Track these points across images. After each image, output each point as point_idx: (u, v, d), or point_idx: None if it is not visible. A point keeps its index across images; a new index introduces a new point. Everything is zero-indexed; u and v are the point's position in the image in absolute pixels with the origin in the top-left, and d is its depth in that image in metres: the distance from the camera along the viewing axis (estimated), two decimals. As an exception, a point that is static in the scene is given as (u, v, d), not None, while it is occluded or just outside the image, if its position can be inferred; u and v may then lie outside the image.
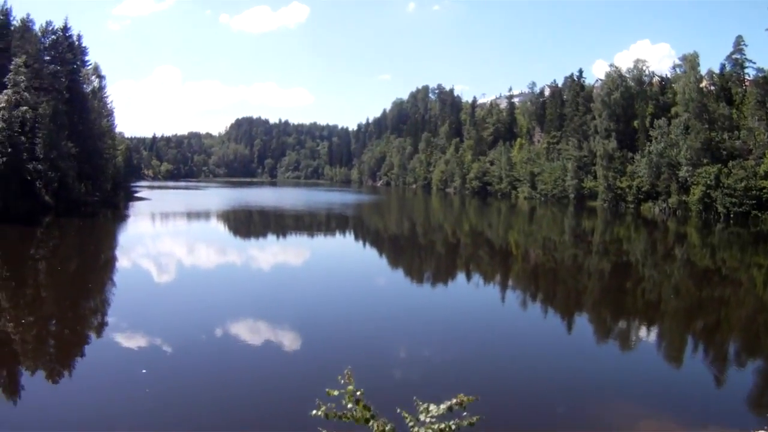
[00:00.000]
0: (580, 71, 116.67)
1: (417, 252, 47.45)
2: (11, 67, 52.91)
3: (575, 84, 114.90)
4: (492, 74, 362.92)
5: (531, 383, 16.37)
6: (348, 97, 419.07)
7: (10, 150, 50.92)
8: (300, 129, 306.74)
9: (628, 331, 23.92)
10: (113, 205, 77.62)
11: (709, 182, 74.25)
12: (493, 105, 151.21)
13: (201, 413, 13.68)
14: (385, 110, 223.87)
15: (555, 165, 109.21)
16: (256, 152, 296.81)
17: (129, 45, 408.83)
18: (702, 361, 20.35)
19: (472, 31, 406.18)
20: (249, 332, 20.70)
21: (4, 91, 51.50)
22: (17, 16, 66.12)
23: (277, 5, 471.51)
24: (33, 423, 13.29)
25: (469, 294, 30.28)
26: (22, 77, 53.50)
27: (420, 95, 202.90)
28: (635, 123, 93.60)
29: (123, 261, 38.29)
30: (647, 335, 23.42)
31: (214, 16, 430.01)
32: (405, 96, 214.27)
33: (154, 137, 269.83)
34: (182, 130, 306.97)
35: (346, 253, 45.59)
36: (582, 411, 14.56)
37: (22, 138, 53.66)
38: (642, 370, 18.30)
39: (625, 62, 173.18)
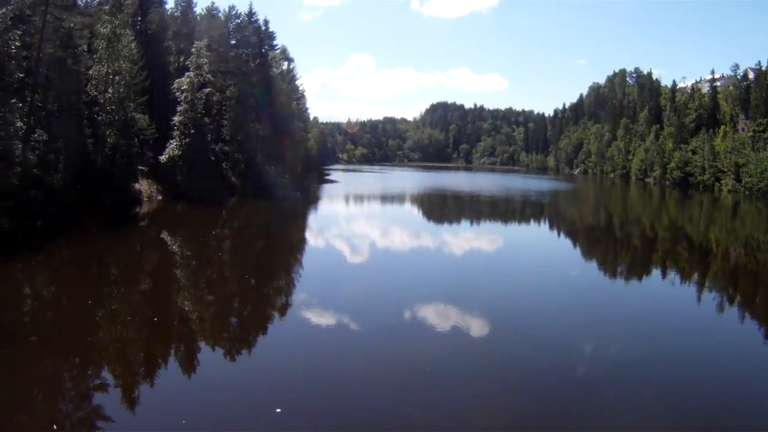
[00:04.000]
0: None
1: (612, 246, 44.60)
2: (193, 50, 53.16)
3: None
4: (690, 56, 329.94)
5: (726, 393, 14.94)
6: (543, 82, 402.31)
7: (193, 131, 51.00)
8: (495, 114, 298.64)
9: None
10: (303, 187, 77.37)
11: None
12: (695, 90, 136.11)
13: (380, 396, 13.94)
14: (581, 95, 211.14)
15: (762, 155, 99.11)
16: (451, 137, 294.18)
17: (322, 34, 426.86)
18: None
19: (667, 12, 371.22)
20: (436, 317, 20.74)
21: (186, 74, 51.48)
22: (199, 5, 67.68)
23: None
24: (205, 399, 13.46)
25: (662, 293, 27.85)
26: (205, 59, 53.31)
27: (617, 80, 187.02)
28: None
29: (306, 243, 39.20)
30: None
31: (405, 2, 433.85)
32: (602, 80, 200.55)
33: (349, 122, 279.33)
34: (377, 116, 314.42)
35: (540, 243, 44.26)
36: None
37: (206, 119, 53.69)
38: None
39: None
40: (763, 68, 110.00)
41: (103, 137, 40.40)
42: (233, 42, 67.62)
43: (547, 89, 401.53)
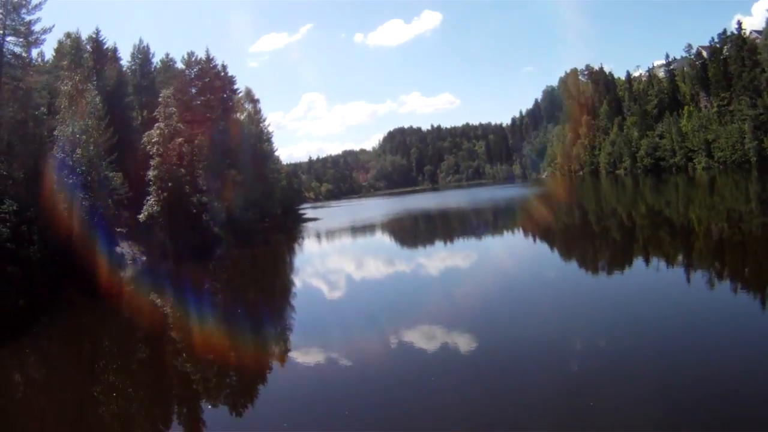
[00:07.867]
0: (739, 24, 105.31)
1: (590, 242, 43.16)
2: (160, 99, 50.35)
3: (737, 38, 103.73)
4: (634, 47, 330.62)
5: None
6: (495, 95, 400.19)
7: (170, 184, 47.88)
8: (453, 132, 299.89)
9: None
10: (285, 229, 74.39)
11: None
12: (653, 76, 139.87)
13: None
14: (537, 100, 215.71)
15: (731, 128, 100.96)
16: (414, 161, 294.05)
17: (271, 79, 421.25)
18: None
19: (608, 8, 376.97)
20: (424, 336, 20.46)
21: (156, 125, 48.51)
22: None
23: (410, 16, 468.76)
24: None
25: (648, 279, 26.75)
26: (173, 108, 50.40)
27: (570, 79, 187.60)
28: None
29: (300, 285, 37.39)
30: None
31: (348, 37, 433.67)
32: (554, 83, 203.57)
33: (310, 160, 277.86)
34: (336, 151, 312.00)
35: (516, 250, 42.88)
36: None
37: (182, 170, 50.64)
38: None
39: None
40: (717, 44, 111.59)
41: (77, 201, 37.01)
42: (194, 90, 64.91)
43: (500, 100, 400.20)
